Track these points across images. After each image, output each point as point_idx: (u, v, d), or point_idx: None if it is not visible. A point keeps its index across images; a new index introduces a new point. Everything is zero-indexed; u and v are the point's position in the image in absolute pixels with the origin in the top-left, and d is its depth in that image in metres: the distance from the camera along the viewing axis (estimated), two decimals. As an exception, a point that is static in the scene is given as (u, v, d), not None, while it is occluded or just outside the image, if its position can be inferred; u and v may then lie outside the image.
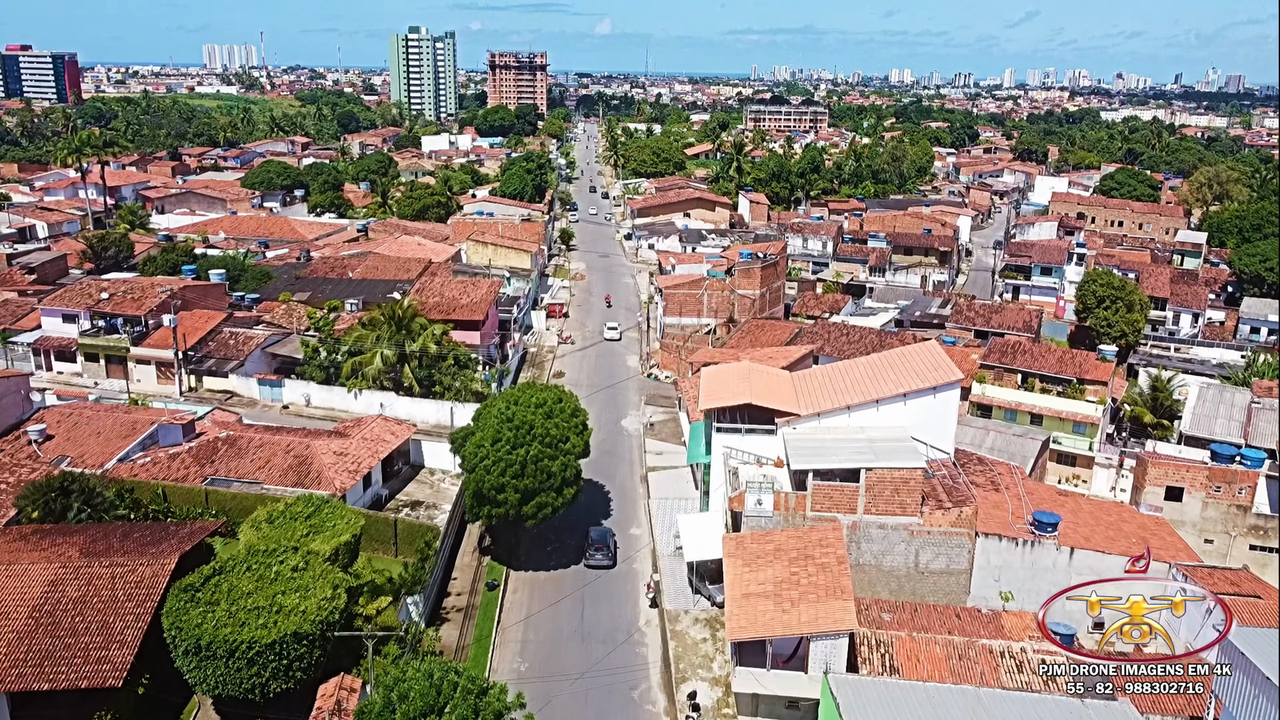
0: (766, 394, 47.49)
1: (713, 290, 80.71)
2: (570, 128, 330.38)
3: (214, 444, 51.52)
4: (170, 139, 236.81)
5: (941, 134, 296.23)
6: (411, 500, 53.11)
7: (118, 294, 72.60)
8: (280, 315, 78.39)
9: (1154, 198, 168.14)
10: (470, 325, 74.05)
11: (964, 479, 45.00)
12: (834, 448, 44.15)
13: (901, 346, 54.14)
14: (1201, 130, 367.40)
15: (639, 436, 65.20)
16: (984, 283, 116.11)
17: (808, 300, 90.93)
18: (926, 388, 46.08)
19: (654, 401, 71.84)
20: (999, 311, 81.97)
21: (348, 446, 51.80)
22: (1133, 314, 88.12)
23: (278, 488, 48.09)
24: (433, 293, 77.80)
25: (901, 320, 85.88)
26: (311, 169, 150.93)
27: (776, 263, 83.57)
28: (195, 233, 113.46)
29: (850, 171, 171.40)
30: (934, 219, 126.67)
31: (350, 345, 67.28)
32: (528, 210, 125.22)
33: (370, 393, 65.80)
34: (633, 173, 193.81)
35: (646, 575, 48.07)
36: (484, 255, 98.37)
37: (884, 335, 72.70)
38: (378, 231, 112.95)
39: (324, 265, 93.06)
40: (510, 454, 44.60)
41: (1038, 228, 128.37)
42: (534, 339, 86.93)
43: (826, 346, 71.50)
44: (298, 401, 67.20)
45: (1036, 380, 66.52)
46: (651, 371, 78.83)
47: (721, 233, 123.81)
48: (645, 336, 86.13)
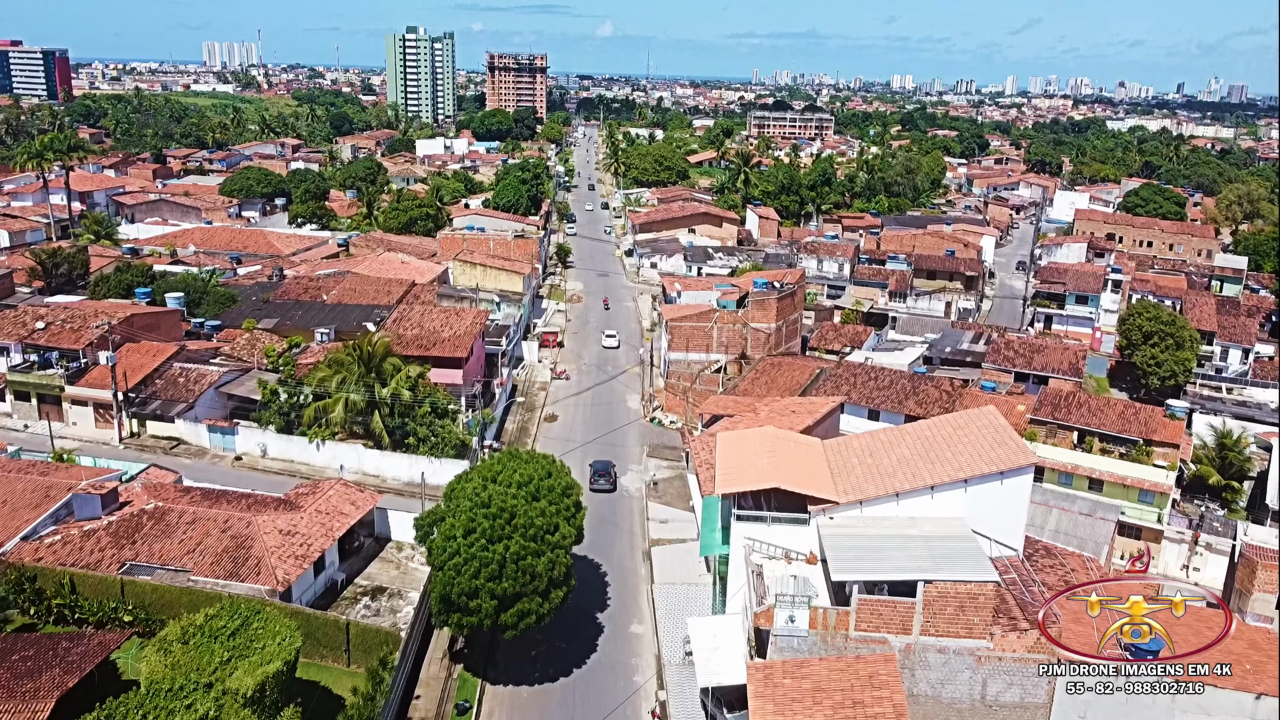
0: (798, 475, 39.48)
1: (723, 323, 72.69)
2: (570, 132, 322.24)
3: (138, 519, 43.42)
4: (157, 139, 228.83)
5: (950, 143, 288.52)
6: (373, 586, 45.00)
7: (55, 323, 64.55)
8: (242, 346, 70.30)
9: (1180, 215, 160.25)
10: (452, 363, 66.00)
11: (1039, 586, 36.99)
12: (883, 550, 36.13)
13: (954, 413, 46.01)
14: (1211, 141, 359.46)
15: (640, 499, 57.08)
16: (1011, 310, 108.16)
17: (826, 333, 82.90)
18: (993, 472, 38.06)
19: (658, 453, 63.78)
20: (1041, 351, 73.95)
21: (297, 523, 43.71)
22: (1182, 351, 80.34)
23: (207, 580, 40.01)
24: (411, 324, 69.74)
25: (930, 357, 77.92)
26: (295, 175, 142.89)
27: (794, 292, 75.56)
28: (163, 245, 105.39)
29: (863, 184, 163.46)
30: (956, 239, 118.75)
31: (313, 387, 59.23)
32: (522, 225, 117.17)
33: (334, 444, 57.78)
34: (634, 181, 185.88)
35: (650, 691, 39.98)
36: (472, 277, 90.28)
37: (916, 380, 64.74)
38: (360, 247, 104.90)
39: (297, 286, 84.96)
40: (486, 550, 36.53)
41: (1065, 249, 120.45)
42: (525, 373, 78.79)
43: (853, 393, 63.50)
44: (252, 452, 59.13)
45: (1095, 439, 58.56)
46: (655, 415, 70.69)
47: (729, 251, 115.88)
48: (647, 373, 78.06)
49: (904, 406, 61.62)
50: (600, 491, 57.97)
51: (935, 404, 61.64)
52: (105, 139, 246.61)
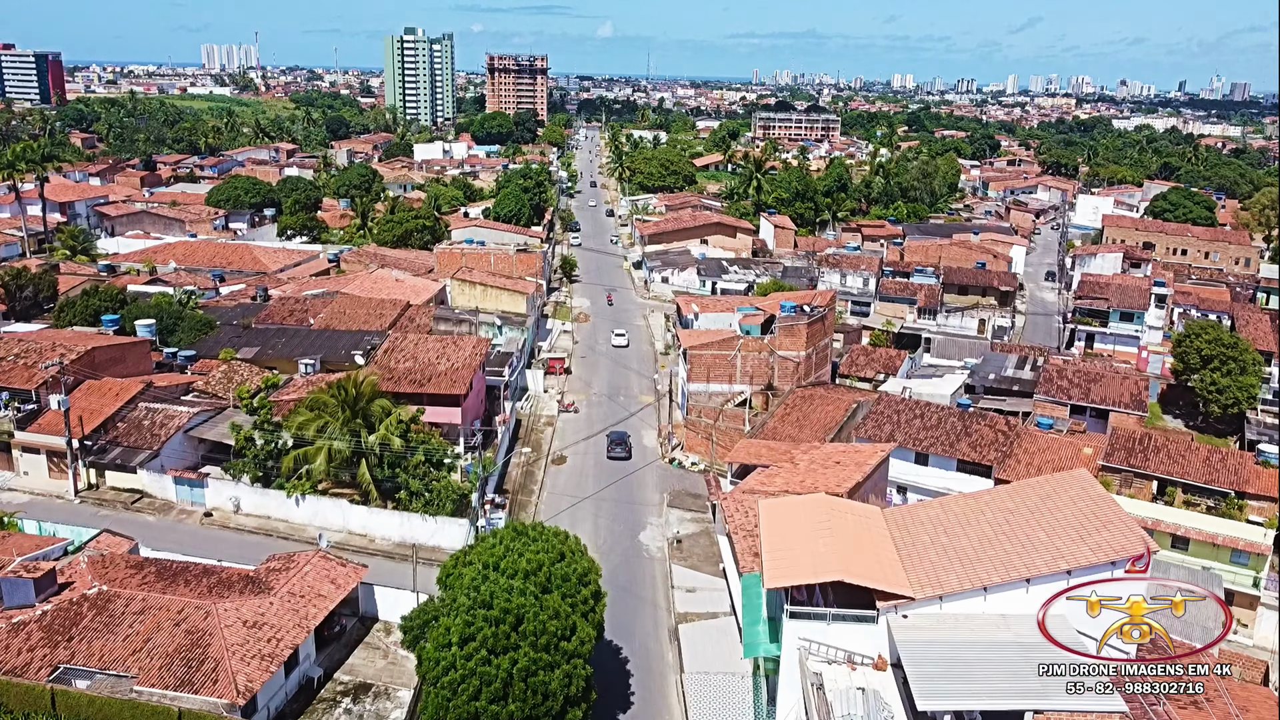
0: (863, 563, 32.85)
1: (748, 351, 66.04)
2: (571, 134, 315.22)
3: (77, 608, 36.77)
4: (148, 144, 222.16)
5: (961, 144, 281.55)
6: (355, 684, 38.40)
7: (8, 358, 57.94)
8: (217, 381, 63.70)
9: (1210, 220, 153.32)
10: (449, 400, 59.37)
11: (1166, 706, 30.34)
12: (974, 664, 29.51)
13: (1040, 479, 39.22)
14: (1221, 141, 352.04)
15: (662, 560, 50.40)
16: (1047, 327, 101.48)
17: (857, 358, 76.19)
18: (1102, 562, 31.45)
19: (679, 501, 57.08)
20: (1098, 380, 67.21)
21: (266, 611, 37.05)
22: (1246, 376, 73.80)
23: (153, 691, 33.37)
24: (404, 355, 63.10)
25: (973, 386, 71.27)
26: (286, 184, 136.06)
27: (825, 316, 68.90)
28: (143, 261, 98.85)
29: (879, 190, 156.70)
30: (984, 249, 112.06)
31: (292, 431, 52.62)
32: (524, 237, 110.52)
33: (315, 499, 51.17)
34: (639, 186, 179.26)
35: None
36: (471, 297, 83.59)
37: (965, 418, 58.05)
38: (351, 262, 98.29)
39: (281, 309, 78.38)
40: (488, 665, 29.94)
41: (1100, 259, 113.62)
42: (529, 405, 72.10)
43: (897, 433, 56.85)
44: (224, 507, 52.54)
45: (1178, 489, 51.89)
46: (674, 456, 63.96)
47: (744, 264, 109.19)
48: (663, 405, 71.39)
49: (956, 450, 54.99)
50: (617, 459, 62.89)
51: (990, 446, 55.02)
52: (98, 143, 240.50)
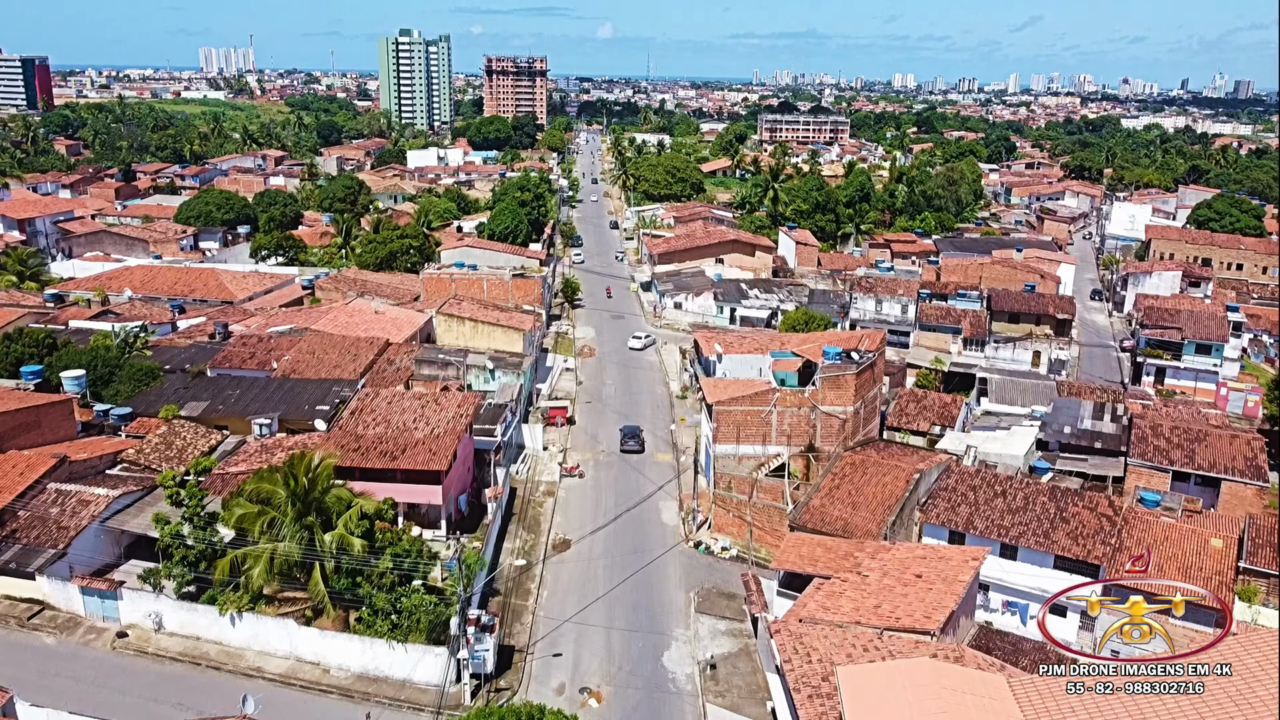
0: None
1: (786, 406, 55.51)
2: (571, 138, 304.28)
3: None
4: (130, 152, 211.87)
5: (976, 147, 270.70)
6: None
7: (-111, 430, 47.61)
8: (154, 447, 53.32)
9: (1260, 230, 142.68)
10: (429, 477, 48.86)
11: None
12: None
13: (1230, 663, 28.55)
14: (1234, 140, 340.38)
15: (694, 694, 39.85)
16: (1105, 359, 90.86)
17: (906, 405, 65.68)
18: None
19: (710, 605, 46.49)
20: (1202, 439, 56.70)
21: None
22: (1360, 425, 63.39)
23: None
24: (375, 418, 52.63)
25: (1046, 441, 60.77)
26: (263, 198, 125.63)
27: (874, 363, 58.45)
28: (95, 289, 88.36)
29: (904, 199, 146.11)
30: (1030, 268, 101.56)
31: (231, 525, 42.20)
32: (521, 259, 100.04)
33: (255, 618, 40.70)
34: (644, 195, 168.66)
35: None
36: (460, 334, 73.14)
37: (1058, 496, 47.55)
38: (327, 289, 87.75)
39: (242, 349, 67.87)
40: None
41: (1155, 278, 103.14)
42: (526, 468, 61.53)
43: (976, 518, 46.38)
44: (143, 624, 42.09)
45: (1344, 602, 41.54)
46: (700, 540, 53.36)
47: (765, 286, 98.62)
48: (684, 470, 60.87)
49: (1053, 542, 44.52)
50: (630, 453, 62.21)
51: (1094, 537, 44.54)
52: (84, 150, 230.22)
